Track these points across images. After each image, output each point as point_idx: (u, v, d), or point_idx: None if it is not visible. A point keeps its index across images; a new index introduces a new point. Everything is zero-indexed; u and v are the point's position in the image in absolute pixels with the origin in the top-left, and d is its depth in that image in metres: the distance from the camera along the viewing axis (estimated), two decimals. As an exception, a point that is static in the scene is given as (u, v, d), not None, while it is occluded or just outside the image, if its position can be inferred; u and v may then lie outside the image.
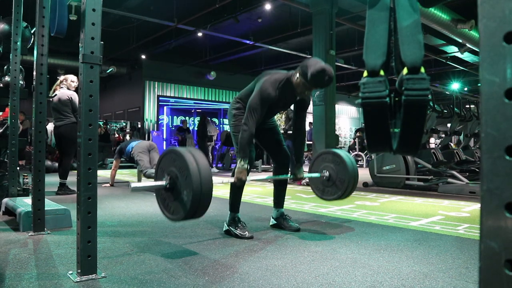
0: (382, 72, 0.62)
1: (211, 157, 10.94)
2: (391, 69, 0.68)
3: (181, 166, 2.11)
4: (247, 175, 2.59)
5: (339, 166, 3.03)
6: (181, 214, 2.06)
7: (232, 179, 2.60)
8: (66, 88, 4.80)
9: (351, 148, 14.18)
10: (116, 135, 13.56)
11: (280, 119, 7.22)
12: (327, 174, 3.09)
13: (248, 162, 2.57)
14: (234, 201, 2.80)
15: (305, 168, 3.28)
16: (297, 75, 2.58)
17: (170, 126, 16.89)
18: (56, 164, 7.29)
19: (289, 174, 2.96)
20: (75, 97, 4.70)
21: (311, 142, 8.35)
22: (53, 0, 2.63)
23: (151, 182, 2.21)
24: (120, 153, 5.90)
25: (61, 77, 4.88)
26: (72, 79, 4.86)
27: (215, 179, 2.08)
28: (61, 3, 2.17)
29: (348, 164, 2.97)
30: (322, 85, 2.57)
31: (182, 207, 2.08)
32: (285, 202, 3.08)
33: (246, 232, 2.65)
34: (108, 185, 5.94)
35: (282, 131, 7.04)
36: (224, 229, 2.78)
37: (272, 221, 3.02)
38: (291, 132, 6.93)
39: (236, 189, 2.79)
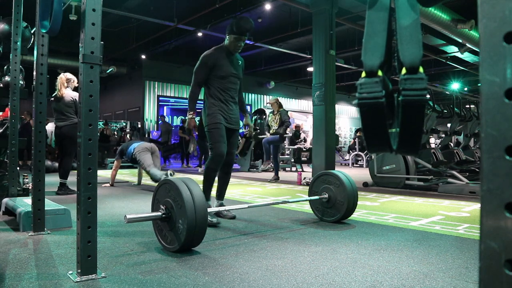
0: (380, 73, 0.62)
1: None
2: (394, 69, 0.68)
3: (175, 196, 2.21)
4: (193, 125, 3.27)
5: (338, 188, 3.10)
6: (179, 242, 2.15)
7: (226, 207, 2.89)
8: (70, 89, 4.79)
9: (351, 148, 14.19)
10: (116, 135, 13.54)
11: (274, 121, 7.29)
12: (326, 196, 3.16)
13: (194, 112, 3.20)
14: (205, 190, 3.15)
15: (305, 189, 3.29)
16: (226, 37, 3.22)
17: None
18: (56, 164, 7.29)
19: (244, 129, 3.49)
20: None
21: (311, 146, 8.38)
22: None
23: (147, 213, 2.34)
24: (121, 154, 5.89)
25: (66, 76, 4.83)
26: (75, 80, 4.85)
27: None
28: (57, 0, 2.15)
29: (347, 186, 3.03)
30: (246, 28, 3.15)
31: (179, 235, 2.18)
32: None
33: (215, 219, 2.99)
34: (108, 185, 5.94)
35: (273, 131, 7.23)
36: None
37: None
38: (280, 131, 7.13)
39: (208, 180, 3.19)
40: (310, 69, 12.44)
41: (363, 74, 0.62)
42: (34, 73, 2.68)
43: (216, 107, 3.20)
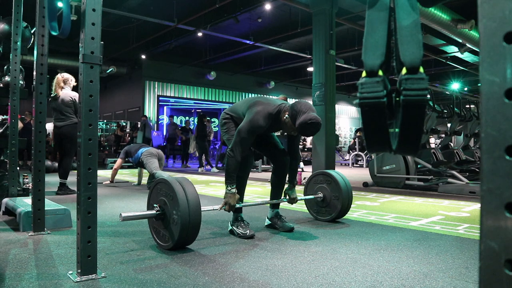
0: (380, 73, 0.61)
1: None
2: (392, 69, 0.68)
3: (168, 191, 2.22)
4: (237, 200, 2.61)
5: (330, 185, 3.10)
6: (173, 239, 2.16)
7: (220, 206, 2.62)
8: (69, 89, 4.78)
9: (351, 148, 14.18)
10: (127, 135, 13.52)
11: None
12: (321, 195, 3.16)
13: (236, 187, 2.62)
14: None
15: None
16: (286, 115, 2.57)
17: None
18: (56, 164, 7.29)
19: (283, 197, 3.00)
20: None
21: (311, 146, 8.37)
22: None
23: (142, 212, 2.39)
24: (126, 154, 5.86)
25: (63, 77, 4.82)
26: (73, 79, 4.84)
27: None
28: (66, 3, 2.17)
29: (340, 184, 3.04)
30: (309, 135, 2.62)
31: (173, 232, 2.21)
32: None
33: (248, 231, 2.66)
34: (108, 182, 5.93)
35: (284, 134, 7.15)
36: (228, 228, 2.81)
37: (267, 221, 3.04)
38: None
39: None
40: (310, 69, 12.45)
41: (364, 74, 0.62)
42: (34, 73, 2.68)
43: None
